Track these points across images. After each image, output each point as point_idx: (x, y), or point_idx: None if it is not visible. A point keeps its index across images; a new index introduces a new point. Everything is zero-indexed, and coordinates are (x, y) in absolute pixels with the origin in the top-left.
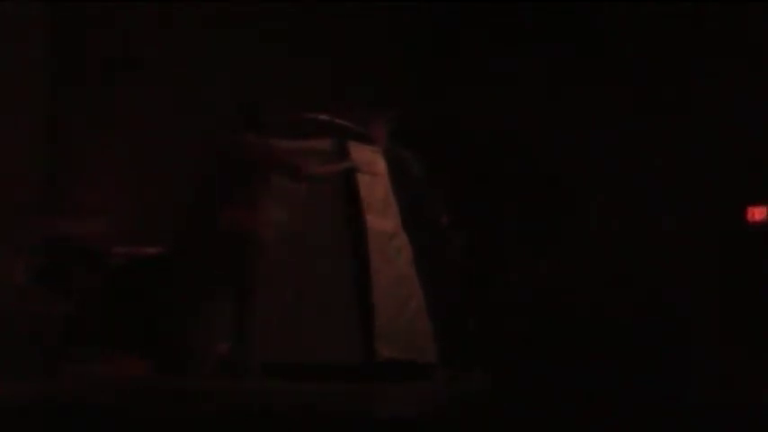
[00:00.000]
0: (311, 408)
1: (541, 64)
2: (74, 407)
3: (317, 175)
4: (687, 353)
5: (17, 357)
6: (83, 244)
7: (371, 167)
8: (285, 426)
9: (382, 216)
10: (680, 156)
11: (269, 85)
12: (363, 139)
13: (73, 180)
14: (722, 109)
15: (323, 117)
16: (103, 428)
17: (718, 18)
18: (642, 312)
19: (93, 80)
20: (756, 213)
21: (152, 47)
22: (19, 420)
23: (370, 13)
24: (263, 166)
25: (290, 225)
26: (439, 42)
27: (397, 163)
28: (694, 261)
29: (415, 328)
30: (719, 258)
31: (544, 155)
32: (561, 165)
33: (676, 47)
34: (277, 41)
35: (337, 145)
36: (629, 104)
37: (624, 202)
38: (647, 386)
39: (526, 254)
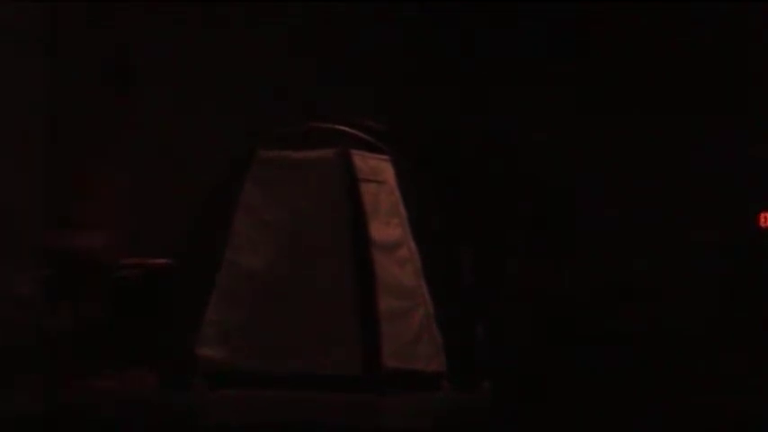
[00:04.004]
0: (316, 418)
1: (541, 64)
2: (79, 420)
3: None
4: (687, 354)
5: (23, 370)
6: (89, 256)
7: (377, 176)
8: None
9: (387, 225)
10: (681, 159)
11: (269, 85)
12: (371, 147)
13: (76, 191)
14: (725, 112)
15: (328, 125)
16: None
17: (719, 18)
18: (646, 320)
19: (93, 82)
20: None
21: (152, 48)
22: None
23: (370, 14)
24: None
25: (294, 235)
26: (439, 43)
27: None
28: (695, 266)
29: (422, 339)
30: (719, 261)
31: (544, 159)
32: (563, 170)
33: (676, 47)
34: (277, 41)
35: (341, 154)
36: (631, 106)
37: (627, 208)
38: (650, 393)
39: (534, 264)
